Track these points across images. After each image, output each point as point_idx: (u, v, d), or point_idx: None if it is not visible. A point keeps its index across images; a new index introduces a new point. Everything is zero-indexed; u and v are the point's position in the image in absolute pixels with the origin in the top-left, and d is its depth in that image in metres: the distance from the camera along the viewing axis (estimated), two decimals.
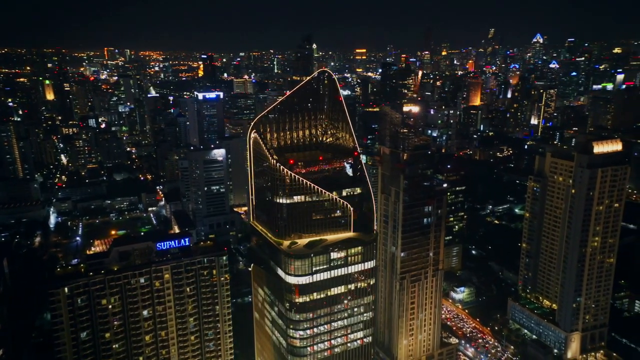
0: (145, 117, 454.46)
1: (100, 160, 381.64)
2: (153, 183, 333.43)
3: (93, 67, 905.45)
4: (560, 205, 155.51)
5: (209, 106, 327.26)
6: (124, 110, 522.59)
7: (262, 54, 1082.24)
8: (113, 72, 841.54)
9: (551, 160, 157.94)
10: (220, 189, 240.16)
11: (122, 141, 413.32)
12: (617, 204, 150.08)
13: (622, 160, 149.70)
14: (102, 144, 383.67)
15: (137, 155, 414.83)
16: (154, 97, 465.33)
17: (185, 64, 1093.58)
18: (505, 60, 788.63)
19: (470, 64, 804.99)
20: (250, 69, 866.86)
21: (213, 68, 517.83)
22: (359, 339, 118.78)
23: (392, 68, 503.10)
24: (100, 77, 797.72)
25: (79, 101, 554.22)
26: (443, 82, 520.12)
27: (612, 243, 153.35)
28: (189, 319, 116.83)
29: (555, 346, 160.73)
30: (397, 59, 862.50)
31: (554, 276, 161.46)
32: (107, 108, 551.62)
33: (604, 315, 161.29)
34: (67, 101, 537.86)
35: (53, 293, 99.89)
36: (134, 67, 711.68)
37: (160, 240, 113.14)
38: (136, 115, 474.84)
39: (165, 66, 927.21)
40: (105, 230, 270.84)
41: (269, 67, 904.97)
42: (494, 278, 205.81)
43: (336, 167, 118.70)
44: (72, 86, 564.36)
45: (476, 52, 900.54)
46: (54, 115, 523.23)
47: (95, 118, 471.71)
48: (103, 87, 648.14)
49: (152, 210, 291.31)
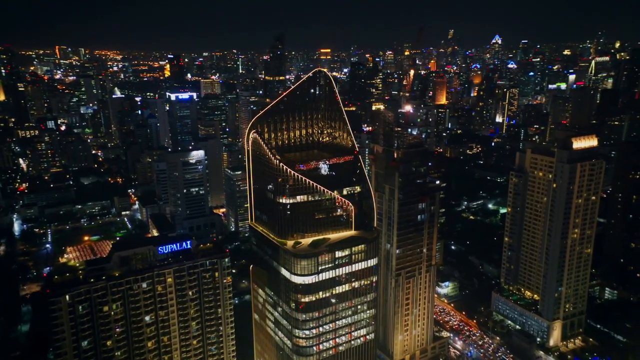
0: (110, 118, 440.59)
1: (64, 164, 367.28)
2: (124, 186, 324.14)
3: (45, 66, 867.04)
4: (540, 199, 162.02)
5: (181, 107, 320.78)
6: (87, 111, 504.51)
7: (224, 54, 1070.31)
8: (68, 72, 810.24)
9: (531, 157, 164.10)
10: (200, 191, 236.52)
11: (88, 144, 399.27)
12: (594, 197, 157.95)
13: (597, 155, 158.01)
14: (67, 147, 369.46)
15: (104, 158, 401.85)
16: (120, 98, 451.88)
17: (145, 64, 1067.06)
18: (465, 60, 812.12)
19: (432, 63, 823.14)
20: (213, 69, 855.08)
21: (180, 68, 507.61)
22: (362, 337, 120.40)
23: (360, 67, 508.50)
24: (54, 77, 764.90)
25: (34, 102, 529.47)
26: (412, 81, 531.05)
27: (589, 234, 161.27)
28: (191, 322, 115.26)
29: (538, 335, 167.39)
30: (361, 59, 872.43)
31: (535, 268, 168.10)
32: (66, 109, 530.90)
33: (582, 304, 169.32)
34: (22, 102, 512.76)
35: (54, 301, 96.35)
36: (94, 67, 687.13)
37: (161, 243, 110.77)
38: (101, 117, 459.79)
39: (125, 66, 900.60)
40: (77, 236, 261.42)
41: (233, 67, 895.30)
42: (474, 272, 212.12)
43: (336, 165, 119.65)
44: (26, 86, 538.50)
45: (437, 52, 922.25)
46: (6, 117, 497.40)
47: (54, 120, 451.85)
48: (59, 88, 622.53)
49: (126, 214, 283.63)
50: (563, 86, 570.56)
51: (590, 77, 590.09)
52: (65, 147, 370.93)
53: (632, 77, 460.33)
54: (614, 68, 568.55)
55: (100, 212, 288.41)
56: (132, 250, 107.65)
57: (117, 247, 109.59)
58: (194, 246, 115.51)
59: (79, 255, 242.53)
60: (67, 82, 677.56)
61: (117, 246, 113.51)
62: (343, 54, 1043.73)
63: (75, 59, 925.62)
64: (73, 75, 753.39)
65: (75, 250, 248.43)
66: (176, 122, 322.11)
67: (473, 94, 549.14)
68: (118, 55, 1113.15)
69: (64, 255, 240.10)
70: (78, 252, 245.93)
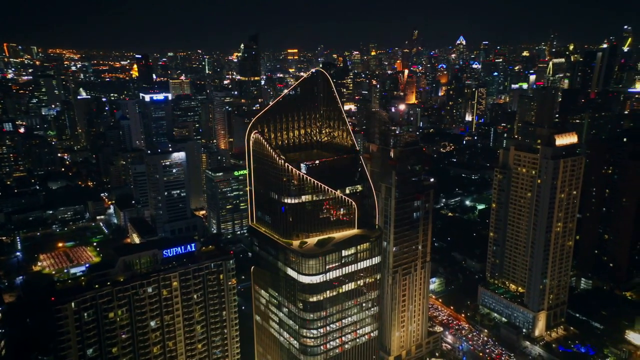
0: (76, 120, 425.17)
1: (29, 168, 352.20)
2: (96, 190, 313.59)
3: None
4: (524, 194, 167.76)
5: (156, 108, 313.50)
6: (49, 113, 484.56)
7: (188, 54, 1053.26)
8: (21, 72, 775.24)
9: (515, 153, 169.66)
10: (182, 193, 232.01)
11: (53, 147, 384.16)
12: (575, 192, 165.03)
13: (575, 151, 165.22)
14: (31, 150, 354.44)
15: (71, 162, 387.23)
16: (86, 99, 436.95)
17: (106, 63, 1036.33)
18: (430, 61, 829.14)
19: (398, 64, 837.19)
20: (179, 70, 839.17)
21: (149, 69, 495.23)
22: (367, 334, 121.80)
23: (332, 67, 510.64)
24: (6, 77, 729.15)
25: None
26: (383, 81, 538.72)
27: (571, 227, 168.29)
28: (196, 326, 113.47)
29: (524, 326, 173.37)
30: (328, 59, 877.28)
31: (520, 261, 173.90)
32: (24, 111, 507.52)
33: (564, 294, 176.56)
34: None
35: (60, 309, 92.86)
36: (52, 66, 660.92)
37: (166, 247, 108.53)
38: (66, 119, 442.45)
39: (84, 66, 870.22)
40: (50, 243, 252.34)
41: (199, 67, 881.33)
42: (458, 267, 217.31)
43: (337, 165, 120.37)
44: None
45: (402, 53, 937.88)
46: None
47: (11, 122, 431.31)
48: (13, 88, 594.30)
49: (101, 218, 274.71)
50: (525, 86, 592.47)
51: (549, 78, 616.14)
52: (28, 150, 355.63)
53: (585, 78, 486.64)
54: (570, 69, 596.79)
55: (73, 217, 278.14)
56: (137, 254, 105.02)
57: (120, 252, 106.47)
58: (198, 249, 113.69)
59: (54, 262, 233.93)
60: (20, 82, 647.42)
61: (120, 251, 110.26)
62: (309, 54, 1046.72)
63: (27, 58, 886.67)
64: (27, 75, 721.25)
65: (49, 257, 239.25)
66: (151, 123, 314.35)
67: (440, 94, 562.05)
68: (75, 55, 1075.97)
69: (37, 263, 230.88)
70: (53, 260, 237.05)
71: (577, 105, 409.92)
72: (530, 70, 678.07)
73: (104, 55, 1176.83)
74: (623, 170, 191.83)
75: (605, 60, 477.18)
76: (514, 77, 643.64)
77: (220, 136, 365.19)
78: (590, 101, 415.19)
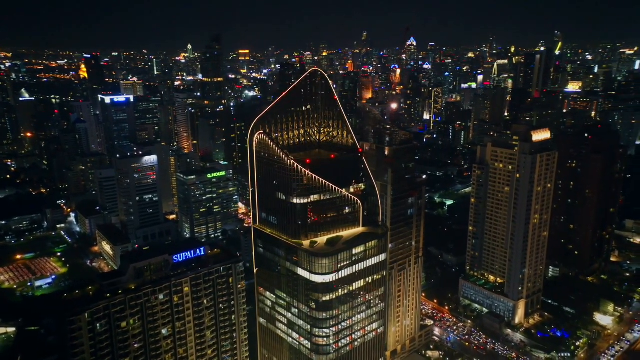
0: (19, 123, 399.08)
1: None
2: (52, 197, 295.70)
3: None
4: (502, 189, 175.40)
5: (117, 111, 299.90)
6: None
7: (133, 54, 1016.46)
8: None
9: (492, 150, 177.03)
10: (154, 198, 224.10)
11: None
12: (550, 185, 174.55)
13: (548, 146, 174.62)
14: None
15: (17, 168, 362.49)
16: (30, 101, 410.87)
17: (40, 63, 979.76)
18: (380, 61, 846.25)
19: (350, 64, 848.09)
20: (124, 71, 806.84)
21: (100, 69, 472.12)
22: (374, 330, 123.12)
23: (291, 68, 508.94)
24: None
25: None
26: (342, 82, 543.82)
27: (546, 219, 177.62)
28: (206, 332, 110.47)
29: (505, 315, 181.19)
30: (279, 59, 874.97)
31: (499, 253, 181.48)
32: None
33: (540, 282, 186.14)
34: None
35: (74, 320, 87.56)
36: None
37: (175, 252, 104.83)
38: (6, 122, 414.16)
39: (15, 65, 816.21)
40: (6, 255, 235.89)
41: (145, 68, 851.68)
42: (436, 262, 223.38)
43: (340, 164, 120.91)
44: None
45: (352, 53, 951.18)
46: None
47: None
48: None
49: (61, 227, 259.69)
50: (474, 85, 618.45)
51: (495, 78, 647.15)
52: None
53: (527, 78, 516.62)
54: (512, 70, 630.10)
55: (29, 227, 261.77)
56: (147, 261, 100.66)
57: (130, 259, 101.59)
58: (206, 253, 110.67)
59: (13, 276, 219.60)
60: None
61: (130, 258, 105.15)
62: (259, 54, 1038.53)
63: None
64: None
65: (7, 271, 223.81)
66: (112, 126, 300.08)
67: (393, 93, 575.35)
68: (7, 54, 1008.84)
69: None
70: (12, 273, 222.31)
71: (525, 104, 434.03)
72: (477, 71, 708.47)
73: (35, 54, 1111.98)
74: (586, 164, 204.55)
75: (544, 62, 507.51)
76: (463, 77, 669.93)
77: (183, 139, 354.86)
78: (535, 100, 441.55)
